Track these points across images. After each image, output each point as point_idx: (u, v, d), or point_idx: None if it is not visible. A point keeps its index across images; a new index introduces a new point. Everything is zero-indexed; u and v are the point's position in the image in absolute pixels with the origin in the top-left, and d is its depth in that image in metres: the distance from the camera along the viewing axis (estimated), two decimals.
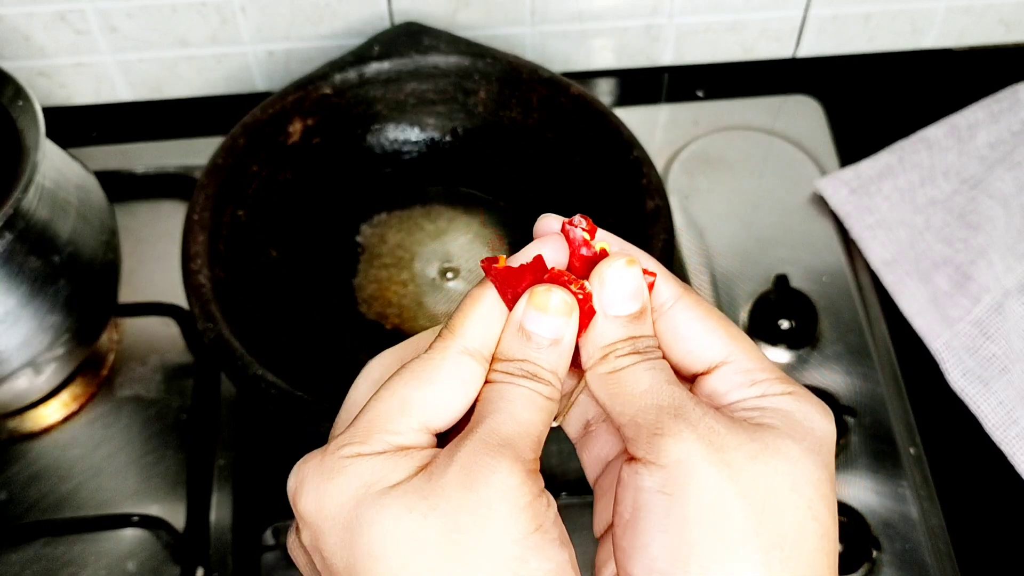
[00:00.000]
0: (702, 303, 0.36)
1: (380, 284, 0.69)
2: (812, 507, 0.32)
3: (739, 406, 0.34)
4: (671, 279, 0.36)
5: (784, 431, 0.33)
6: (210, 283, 0.60)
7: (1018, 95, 0.78)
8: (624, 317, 0.35)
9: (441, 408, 0.33)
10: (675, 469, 0.31)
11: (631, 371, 0.34)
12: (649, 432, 0.32)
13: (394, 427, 0.32)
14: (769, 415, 0.33)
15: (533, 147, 0.70)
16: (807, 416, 0.34)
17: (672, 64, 0.85)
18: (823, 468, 0.33)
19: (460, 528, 0.30)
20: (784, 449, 0.32)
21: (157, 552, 0.62)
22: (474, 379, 0.34)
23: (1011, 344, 0.66)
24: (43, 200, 0.58)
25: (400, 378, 0.33)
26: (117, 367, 0.69)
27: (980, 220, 0.72)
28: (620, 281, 0.35)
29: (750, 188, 0.77)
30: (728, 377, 0.35)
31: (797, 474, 0.32)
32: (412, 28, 0.70)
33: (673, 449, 0.31)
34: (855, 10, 0.81)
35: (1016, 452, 0.64)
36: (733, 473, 0.31)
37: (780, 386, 0.34)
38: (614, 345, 0.34)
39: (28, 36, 0.77)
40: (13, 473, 0.65)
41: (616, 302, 0.34)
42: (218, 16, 0.77)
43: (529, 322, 0.34)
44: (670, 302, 0.35)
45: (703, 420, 0.32)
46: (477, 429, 0.32)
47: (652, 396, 0.33)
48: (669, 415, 0.32)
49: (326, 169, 0.71)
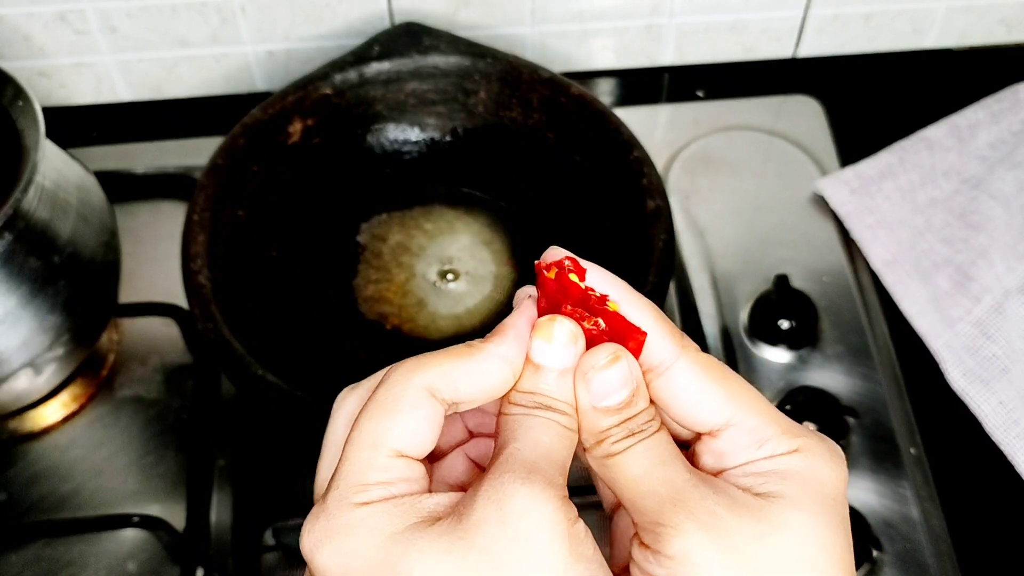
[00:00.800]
0: (700, 360, 0.34)
1: (380, 284, 0.69)
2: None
3: (744, 470, 0.33)
4: (670, 334, 0.34)
5: (791, 500, 0.32)
6: (210, 283, 0.60)
7: (1018, 95, 0.78)
8: (615, 406, 0.34)
9: (411, 437, 0.32)
10: (682, 560, 0.31)
11: (625, 456, 0.33)
12: (651, 521, 0.32)
13: (379, 464, 0.32)
14: (775, 481, 0.33)
15: (533, 147, 0.70)
16: (816, 473, 0.33)
17: (672, 64, 0.85)
18: (835, 528, 0.32)
19: (502, 564, 0.30)
20: (791, 523, 0.32)
21: (157, 552, 0.62)
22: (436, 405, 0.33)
23: (1012, 344, 0.66)
24: (43, 200, 0.58)
25: (367, 413, 0.33)
26: (117, 367, 0.69)
27: (981, 220, 0.72)
28: (605, 378, 0.34)
29: (750, 188, 0.77)
30: (734, 440, 0.34)
31: (807, 546, 0.31)
32: (412, 28, 0.70)
33: (676, 541, 0.31)
34: (855, 10, 0.81)
35: (1017, 452, 0.64)
36: (740, 558, 0.31)
37: (787, 443, 0.33)
38: (607, 432, 0.34)
39: (28, 36, 0.77)
40: (13, 473, 0.65)
41: (604, 397, 0.34)
42: (218, 16, 0.77)
43: (536, 353, 0.34)
44: (669, 360, 0.34)
45: (702, 505, 0.31)
46: (500, 460, 0.32)
47: (648, 482, 0.32)
48: (668, 504, 0.32)
49: (326, 169, 0.71)
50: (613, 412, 0.34)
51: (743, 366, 0.68)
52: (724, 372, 0.34)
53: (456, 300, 0.68)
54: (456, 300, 0.68)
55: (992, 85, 0.80)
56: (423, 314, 0.67)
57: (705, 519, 0.31)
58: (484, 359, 0.34)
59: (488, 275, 0.69)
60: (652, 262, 0.59)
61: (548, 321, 0.34)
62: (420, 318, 0.67)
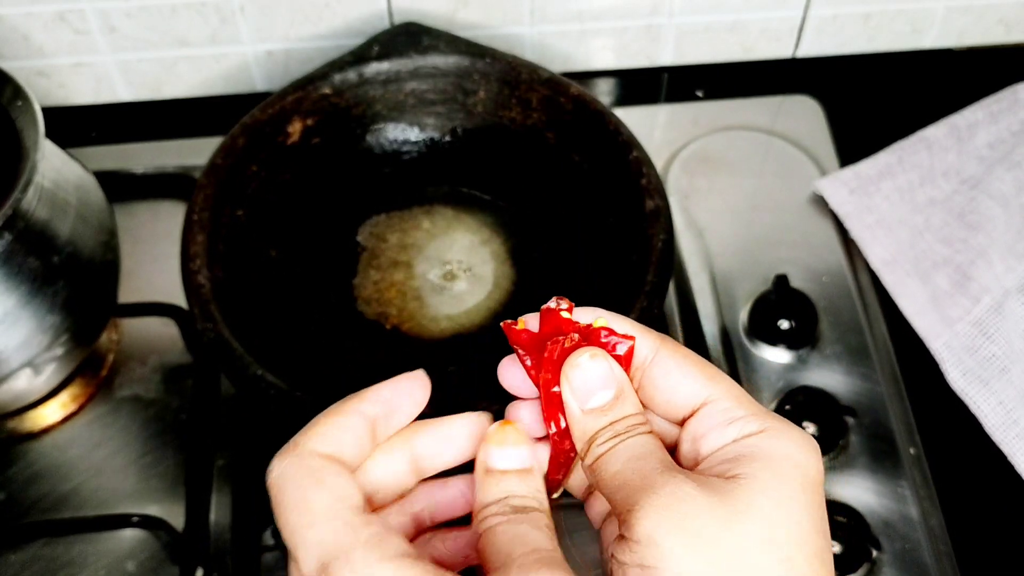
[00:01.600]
0: (679, 349, 0.36)
1: (380, 284, 0.69)
2: (790, 559, 0.31)
3: (716, 457, 0.34)
4: (648, 333, 0.36)
5: (759, 481, 0.32)
6: (209, 283, 0.60)
7: (1018, 95, 0.79)
8: (600, 407, 0.35)
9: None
10: (647, 544, 0.31)
11: (607, 456, 0.34)
12: (624, 509, 0.32)
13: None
14: (745, 463, 0.33)
15: (533, 147, 0.70)
16: (785, 454, 0.33)
17: (672, 64, 0.85)
18: (804, 510, 0.32)
19: None
20: (757, 504, 0.32)
21: (157, 552, 0.62)
22: None
23: (1011, 344, 0.66)
24: (42, 200, 0.58)
25: None
26: (116, 367, 0.69)
27: (980, 220, 0.72)
28: (586, 376, 0.35)
29: (750, 188, 0.77)
30: (707, 417, 0.35)
31: (774, 527, 0.32)
32: (411, 28, 0.70)
33: (643, 524, 0.32)
34: (855, 10, 0.81)
35: (1016, 452, 0.64)
36: (701, 544, 0.31)
37: (756, 423, 0.34)
38: (595, 436, 0.35)
39: (27, 36, 0.77)
40: (12, 473, 0.65)
41: (589, 396, 0.35)
42: (217, 16, 0.77)
43: (495, 461, 0.35)
44: (650, 356, 0.36)
45: (667, 488, 0.32)
46: (512, 571, 0.32)
47: (623, 475, 0.33)
48: (638, 490, 0.32)
49: (325, 169, 0.71)
50: (600, 414, 0.35)
51: (742, 366, 0.68)
52: (701, 360, 0.36)
53: (455, 300, 0.68)
54: (455, 300, 0.68)
55: (991, 85, 0.80)
56: (422, 314, 0.67)
57: (669, 502, 0.32)
58: None
59: (487, 275, 0.69)
60: (651, 262, 0.59)
61: (498, 429, 0.36)
62: (419, 318, 0.67)
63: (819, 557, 0.32)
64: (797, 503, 0.32)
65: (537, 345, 0.37)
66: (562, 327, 0.37)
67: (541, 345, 0.37)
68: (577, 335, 0.36)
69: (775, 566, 0.31)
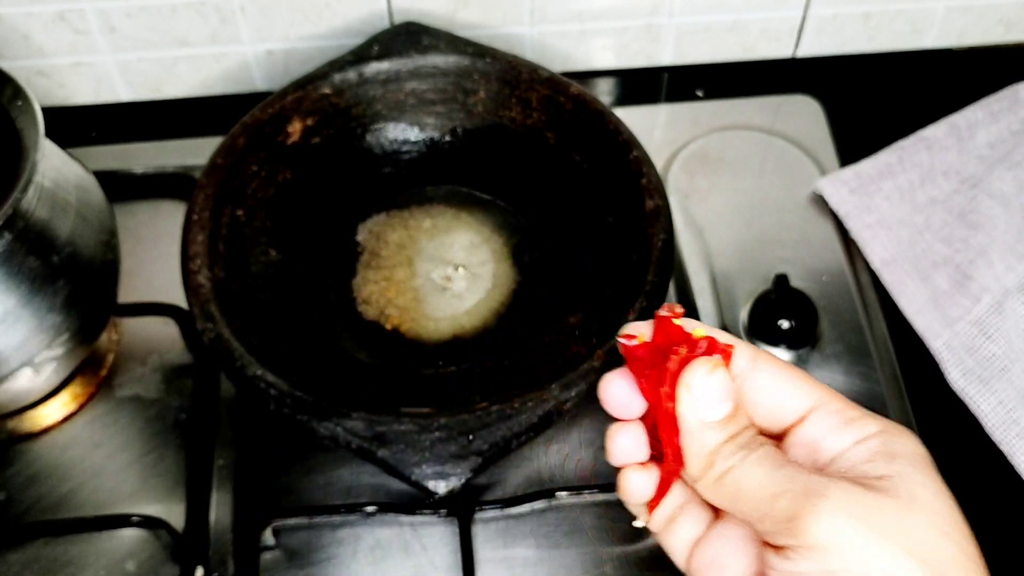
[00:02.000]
0: (776, 359, 0.37)
1: (380, 284, 0.69)
2: (958, 543, 0.33)
3: (847, 459, 0.34)
4: (742, 344, 0.36)
5: (911, 478, 0.33)
6: (209, 283, 0.60)
7: (1018, 95, 0.78)
8: (720, 420, 0.35)
9: None
10: (826, 546, 0.31)
11: (742, 467, 0.34)
12: (785, 519, 0.32)
13: None
14: (884, 463, 0.33)
15: (533, 147, 0.70)
16: (916, 451, 0.34)
17: (672, 64, 0.85)
18: (949, 496, 0.34)
19: None
20: (921, 497, 0.33)
21: (157, 552, 0.62)
22: None
23: (1011, 344, 0.66)
24: (42, 200, 0.58)
25: None
26: (116, 367, 0.69)
27: (980, 219, 0.72)
28: (708, 387, 0.35)
29: (750, 188, 0.77)
30: (821, 420, 0.35)
31: (939, 515, 0.33)
32: (411, 28, 0.70)
33: (818, 528, 0.31)
34: (855, 10, 0.81)
35: (1016, 452, 0.64)
36: (885, 540, 0.31)
37: (873, 424, 0.35)
38: (717, 449, 0.35)
39: (27, 36, 0.77)
40: (12, 473, 0.65)
41: (709, 408, 0.35)
42: (217, 16, 0.77)
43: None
44: (750, 365, 0.36)
45: (834, 490, 0.32)
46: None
47: (773, 484, 0.33)
48: (801, 497, 0.32)
49: (325, 169, 0.71)
50: (719, 427, 0.35)
51: None
52: (797, 368, 0.37)
53: (456, 300, 0.68)
54: (456, 300, 0.68)
55: (991, 85, 0.80)
56: (423, 314, 0.67)
57: (844, 504, 0.32)
58: None
59: (487, 274, 0.69)
60: (651, 262, 0.59)
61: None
62: (420, 318, 0.67)
63: (972, 539, 0.34)
64: (945, 493, 0.34)
65: (650, 358, 0.35)
66: (673, 336, 0.35)
67: (653, 358, 0.35)
68: (685, 347, 0.35)
69: (949, 548, 0.32)
